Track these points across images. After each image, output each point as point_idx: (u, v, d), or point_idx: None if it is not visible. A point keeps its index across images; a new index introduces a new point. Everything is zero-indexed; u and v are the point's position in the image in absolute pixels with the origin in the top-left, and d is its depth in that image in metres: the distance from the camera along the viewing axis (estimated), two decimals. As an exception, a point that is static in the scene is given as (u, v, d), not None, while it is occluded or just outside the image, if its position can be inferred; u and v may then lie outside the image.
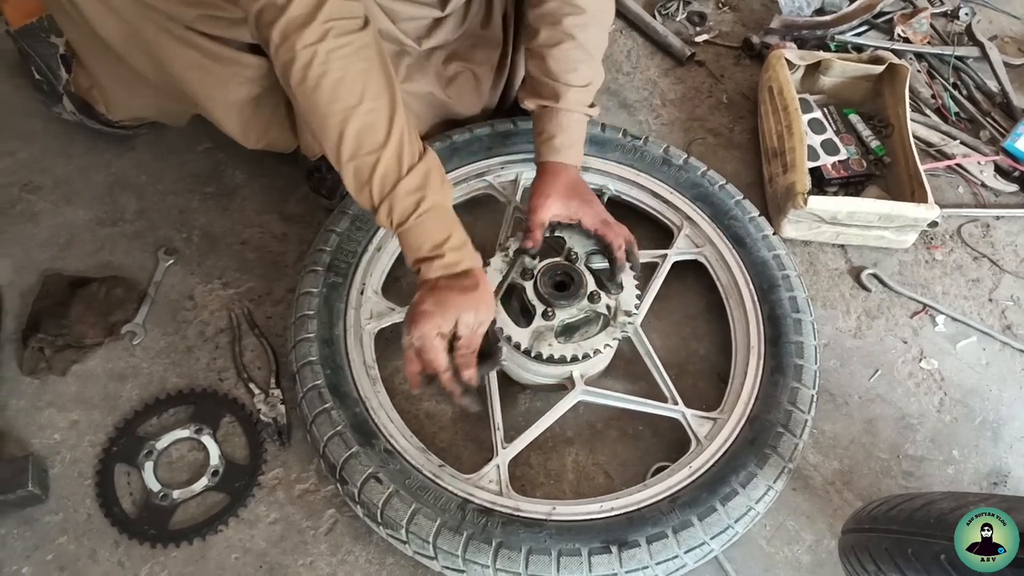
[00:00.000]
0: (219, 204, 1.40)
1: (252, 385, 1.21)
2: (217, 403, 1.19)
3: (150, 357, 1.23)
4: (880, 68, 1.52)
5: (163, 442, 1.15)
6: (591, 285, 1.16)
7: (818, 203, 1.32)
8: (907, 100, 1.48)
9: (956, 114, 1.62)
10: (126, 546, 1.08)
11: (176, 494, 1.12)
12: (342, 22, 0.89)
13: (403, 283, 1.31)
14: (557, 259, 1.18)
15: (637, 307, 1.18)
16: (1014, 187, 1.53)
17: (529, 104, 1.22)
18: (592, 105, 1.21)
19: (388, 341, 1.23)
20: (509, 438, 1.12)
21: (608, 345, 1.14)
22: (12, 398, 1.18)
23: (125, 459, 1.14)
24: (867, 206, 1.33)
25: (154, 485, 1.12)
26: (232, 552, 1.09)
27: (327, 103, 0.90)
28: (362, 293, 1.21)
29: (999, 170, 1.53)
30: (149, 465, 1.13)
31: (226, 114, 1.18)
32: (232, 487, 1.13)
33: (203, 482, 1.13)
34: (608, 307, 1.15)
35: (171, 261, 1.32)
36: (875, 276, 1.40)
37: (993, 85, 1.65)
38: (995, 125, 1.59)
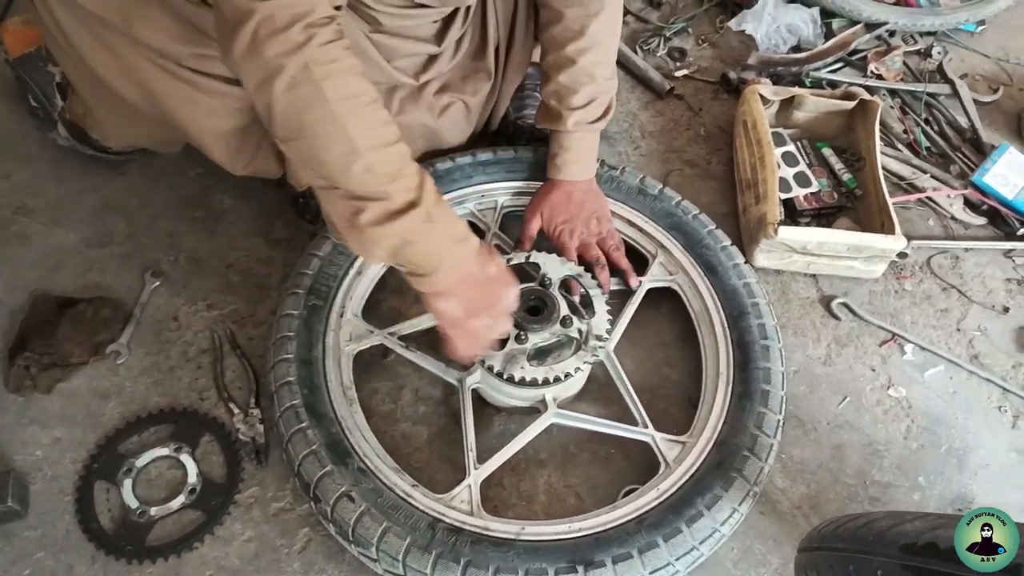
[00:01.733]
0: (207, 227, 1.43)
1: (232, 405, 1.23)
2: (197, 422, 1.22)
3: (133, 376, 1.26)
4: (852, 104, 1.56)
5: (143, 460, 1.18)
6: (564, 310, 1.19)
7: (788, 233, 1.36)
8: (877, 135, 1.52)
9: (927, 149, 1.67)
10: (103, 562, 1.10)
11: (153, 511, 1.14)
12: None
13: (383, 307, 1.34)
14: (531, 284, 1.21)
15: (609, 332, 1.21)
16: (982, 220, 1.56)
17: (540, 125, 1.36)
18: (600, 118, 1.30)
19: (366, 363, 1.26)
20: (482, 459, 1.15)
21: (579, 369, 1.16)
22: (-4, 415, 1.21)
23: (105, 476, 1.16)
24: (836, 237, 1.37)
25: (132, 502, 1.14)
26: (207, 569, 1.11)
27: (340, 98, 0.88)
28: (342, 316, 1.24)
29: (968, 203, 1.57)
30: (128, 482, 1.16)
31: (214, 143, 1.22)
32: (209, 505, 1.15)
33: (180, 500, 1.15)
34: (580, 331, 1.18)
35: (157, 283, 1.35)
36: (845, 305, 1.43)
37: (963, 121, 1.70)
38: (965, 160, 1.64)
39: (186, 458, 1.18)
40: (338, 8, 0.89)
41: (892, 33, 1.85)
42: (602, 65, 1.28)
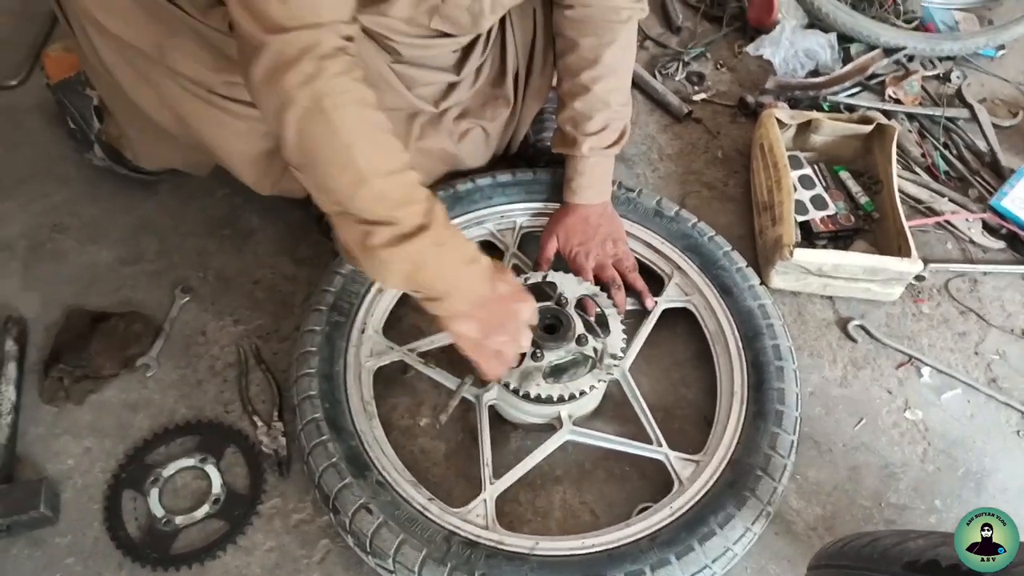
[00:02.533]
0: (234, 246, 1.48)
1: (256, 418, 1.27)
2: (222, 434, 1.25)
3: (162, 389, 1.30)
4: (869, 128, 1.58)
5: (169, 470, 1.21)
6: (579, 329, 1.21)
7: (804, 255, 1.38)
8: (894, 158, 1.54)
9: (945, 172, 1.68)
10: (129, 569, 1.13)
11: (179, 520, 1.17)
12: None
13: (404, 323, 1.37)
14: (548, 303, 1.24)
15: (624, 351, 1.23)
16: (1001, 244, 1.57)
17: (555, 151, 1.38)
18: (614, 143, 1.33)
19: (386, 378, 1.29)
20: (498, 474, 1.17)
21: (594, 386, 1.18)
22: (31, 425, 1.25)
23: (133, 485, 1.20)
24: (851, 259, 1.38)
25: (158, 511, 1.18)
26: (229, 578, 1.14)
27: (349, 128, 0.92)
28: (363, 332, 1.27)
29: (987, 227, 1.58)
30: (155, 492, 1.19)
31: (243, 165, 1.27)
32: (232, 515, 1.18)
33: (205, 509, 1.18)
34: (595, 350, 1.20)
35: (187, 299, 1.40)
36: (862, 327, 1.43)
37: (982, 145, 1.70)
38: (983, 184, 1.64)
39: (211, 469, 1.21)
40: (348, 39, 0.92)
41: (911, 58, 1.87)
42: (616, 92, 1.31)
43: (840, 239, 1.53)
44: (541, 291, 1.27)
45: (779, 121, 1.57)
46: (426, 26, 1.18)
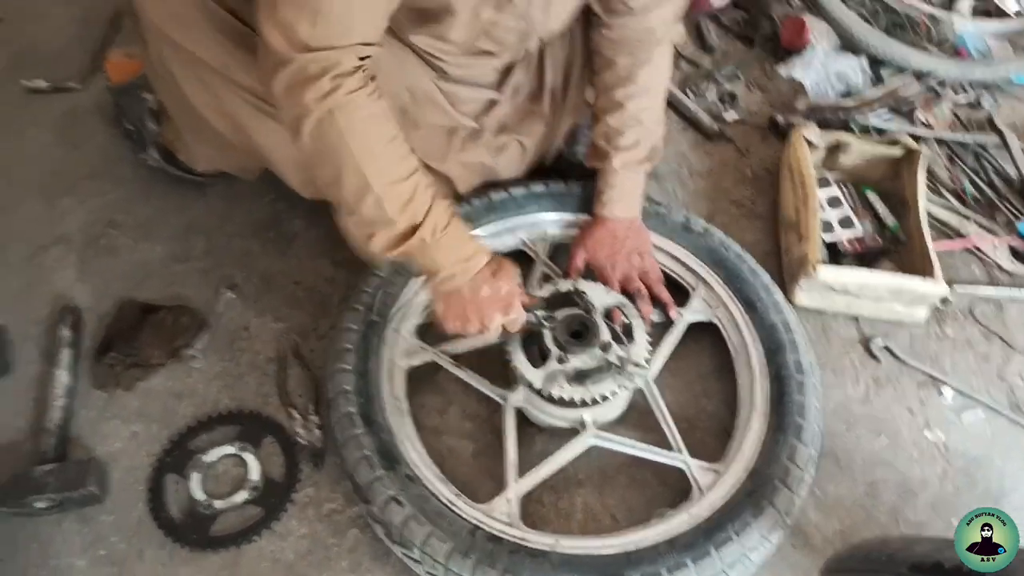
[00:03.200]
0: (278, 248, 1.55)
1: (293, 410, 1.33)
2: (261, 425, 1.32)
3: (206, 380, 1.37)
4: (897, 150, 1.60)
5: (210, 456, 1.27)
6: (605, 336, 1.25)
7: (828, 273, 1.41)
8: (922, 181, 1.56)
9: (974, 197, 1.69)
10: (170, 549, 1.20)
11: (218, 504, 1.23)
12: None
13: (436, 326, 1.42)
14: (575, 310, 1.28)
15: (648, 359, 1.27)
16: (1028, 269, 1.58)
17: (588, 164, 1.43)
18: (645, 160, 1.38)
19: (418, 378, 1.34)
20: (522, 474, 1.21)
21: (616, 392, 1.23)
22: (83, 408, 1.32)
23: (175, 469, 1.27)
24: (875, 278, 1.41)
25: (199, 495, 1.24)
26: (263, 561, 1.19)
27: (357, 140, 1.02)
28: (397, 332, 1.33)
29: (1014, 252, 1.59)
30: (196, 476, 1.25)
31: (292, 170, 1.33)
32: (268, 502, 1.24)
33: (243, 495, 1.24)
34: (620, 357, 1.24)
35: (232, 296, 1.47)
36: (885, 347, 1.46)
37: (1012, 171, 1.72)
38: (1012, 209, 1.65)
39: (249, 457, 1.27)
40: (364, 58, 1.01)
41: (942, 83, 1.89)
42: (648, 111, 1.36)
43: (866, 259, 1.55)
44: (569, 299, 1.31)
45: (808, 141, 1.60)
46: (474, 46, 1.24)
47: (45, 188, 1.62)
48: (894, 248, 1.56)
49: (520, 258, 1.47)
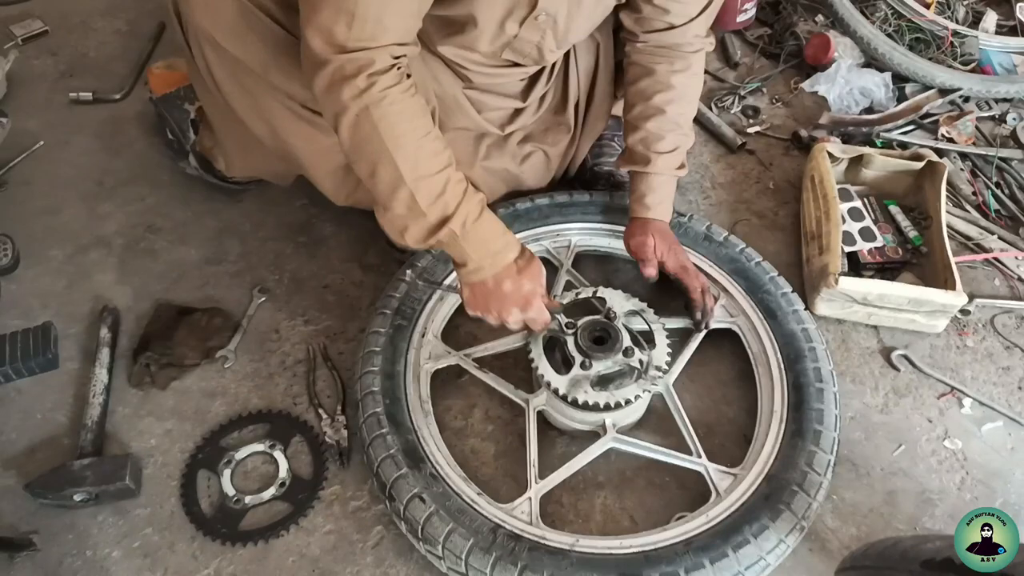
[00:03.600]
0: (308, 252, 1.60)
1: (321, 410, 1.37)
2: (290, 424, 1.35)
3: (238, 379, 1.41)
4: (919, 164, 1.62)
5: (241, 454, 1.31)
6: (626, 341, 1.28)
7: (848, 284, 1.42)
8: (944, 195, 1.57)
9: (996, 211, 1.70)
10: (201, 542, 1.23)
11: (247, 500, 1.27)
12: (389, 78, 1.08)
13: (461, 331, 1.46)
14: (598, 316, 1.31)
15: (668, 364, 1.29)
16: (1050, 283, 1.58)
17: (624, 168, 1.44)
18: (681, 166, 1.41)
19: (443, 381, 1.37)
20: (543, 475, 1.24)
21: (638, 396, 1.25)
22: (119, 405, 1.37)
23: (207, 466, 1.31)
24: (895, 289, 1.42)
25: (230, 490, 1.28)
26: (290, 556, 1.23)
27: (391, 135, 1.07)
28: (423, 336, 1.36)
29: (1036, 266, 1.60)
30: (227, 473, 1.29)
31: (324, 175, 1.38)
32: (296, 498, 1.28)
33: (271, 491, 1.28)
34: (641, 362, 1.27)
35: (263, 299, 1.52)
36: (905, 357, 1.47)
37: (1035, 186, 1.72)
38: (1035, 224, 1.66)
39: (279, 455, 1.31)
40: (398, 57, 1.06)
41: (966, 99, 1.90)
42: (685, 116, 1.40)
43: (887, 271, 1.56)
44: (591, 305, 1.35)
45: (831, 155, 1.62)
46: (499, 57, 1.28)
47: (87, 193, 1.69)
48: (915, 260, 1.58)
49: (545, 266, 1.51)
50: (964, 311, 1.48)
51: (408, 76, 1.09)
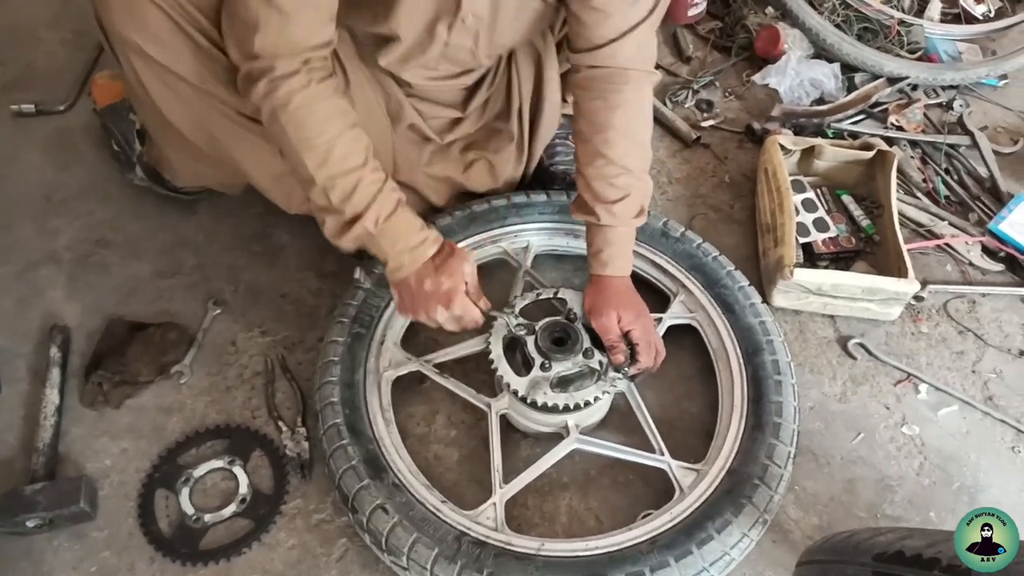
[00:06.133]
0: (265, 261, 1.57)
1: (281, 423, 1.35)
2: (249, 438, 1.33)
3: (194, 395, 1.39)
4: (870, 154, 1.64)
5: (199, 471, 1.29)
6: (586, 342, 1.28)
7: (804, 275, 1.44)
8: (894, 183, 1.59)
9: (946, 197, 1.73)
10: (160, 562, 1.21)
11: (207, 518, 1.25)
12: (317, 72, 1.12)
13: (421, 336, 1.45)
14: (557, 317, 1.31)
15: (628, 365, 1.30)
16: (1000, 266, 1.61)
17: (577, 217, 1.32)
18: (640, 213, 1.28)
19: (404, 388, 1.36)
20: (507, 479, 1.23)
21: (598, 397, 1.25)
22: (72, 426, 1.34)
23: (165, 484, 1.28)
24: (849, 279, 1.44)
25: (189, 509, 1.25)
26: (254, 572, 1.21)
27: (298, 137, 1.11)
28: (382, 344, 1.35)
29: (986, 250, 1.63)
30: (186, 491, 1.27)
31: (271, 183, 1.36)
32: (257, 514, 1.26)
33: (232, 508, 1.26)
34: (600, 363, 1.27)
35: (219, 311, 1.49)
36: (861, 345, 1.49)
37: (983, 171, 1.76)
38: (983, 208, 1.69)
39: (238, 470, 1.29)
40: (307, 61, 1.10)
41: (914, 87, 1.93)
42: (633, 158, 1.26)
43: (841, 260, 1.58)
44: (551, 307, 1.34)
45: (783, 147, 1.64)
46: (434, 68, 1.29)
47: (34, 209, 1.64)
48: (869, 249, 1.60)
49: (503, 268, 1.51)
50: (917, 297, 1.51)
51: (325, 78, 1.12)
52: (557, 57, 1.46)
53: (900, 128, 1.83)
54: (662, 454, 1.27)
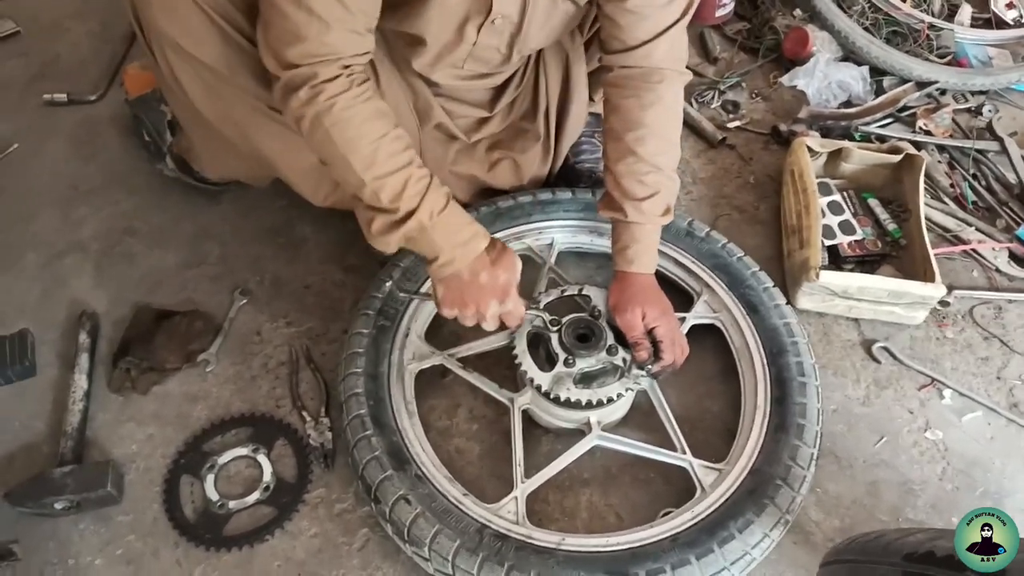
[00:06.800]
0: (289, 253, 1.58)
1: (305, 413, 1.36)
2: (273, 427, 1.35)
3: (219, 383, 1.40)
4: (897, 157, 1.63)
5: (224, 458, 1.30)
6: (610, 339, 1.28)
7: (829, 277, 1.43)
8: (922, 187, 1.58)
9: (973, 203, 1.72)
10: (184, 548, 1.22)
11: (231, 504, 1.26)
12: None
13: (444, 330, 1.45)
14: (582, 314, 1.31)
15: (652, 362, 1.30)
16: (1027, 273, 1.60)
17: (603, 215, 1.33)
18: (666, 211, 1.29)
19: (427, 381, 1.37)
20: (528, 474, 1.24)
21: (621, 394, 1.25)
22: (100, 411, 1.36)
23: (190, 471, 1.30)
24: (875, 282, 1.43)
25: (213, 495, 1.27)
26: (275, 560, 1.22)
27: (343, 141, 1.10)
28: (407, 336, 1.36)
29: (1013, 256, 1.61)
30: (210, 477, 1.28)
31: (299, 177, 1.37)
32: (280, 502, 1.27)
33: (255, 496, 1.27)
34: (624, 360, 1.27)
35: (244, 301, 1.50)
36: (886, 349, 1.48)
37: (1011, 177, 1.74)
38: (1011, 214, 1.68)
39: (262, 459, 1.30)
40: (347, 67, 1.09)
41: (943, 92, 1.91)
42: (663, 157, 1.27)
43: (867, 264, 1.57)
44: (575, 303, 1.34)
45: (810, 149, 1.63)
46: (462, 67, 1.30)
47: (62, 197, 1.66)
48: (895, 253, 1.59)
49: (527, 263, 1.51)
50: (943, 302, 1.50)
51: (364, 82, 1.11)
52: (585, 55, 1.46)
53: (928, 132, 1.81)
54: (684, 452, 1.27)
